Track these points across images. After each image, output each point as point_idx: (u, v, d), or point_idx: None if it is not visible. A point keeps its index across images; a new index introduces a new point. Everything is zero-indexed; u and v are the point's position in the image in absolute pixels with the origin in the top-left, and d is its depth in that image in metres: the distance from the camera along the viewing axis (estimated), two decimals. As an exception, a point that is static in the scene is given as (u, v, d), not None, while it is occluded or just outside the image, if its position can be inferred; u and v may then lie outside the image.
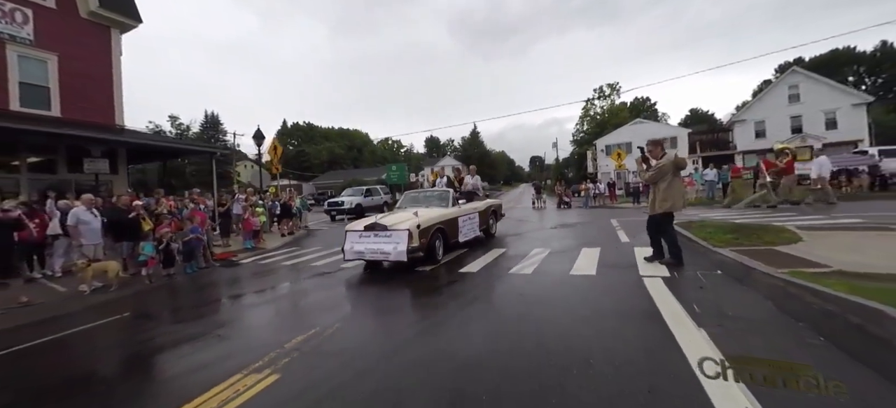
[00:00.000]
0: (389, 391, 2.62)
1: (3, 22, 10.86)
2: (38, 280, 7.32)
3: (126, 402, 2.88)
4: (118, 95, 13.25)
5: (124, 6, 13.29)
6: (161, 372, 3.48)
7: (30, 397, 3.10)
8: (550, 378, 2.61)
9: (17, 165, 11.31)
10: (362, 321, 4.41)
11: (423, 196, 8.72)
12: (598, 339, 3.22)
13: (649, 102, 60.57)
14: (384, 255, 6.05)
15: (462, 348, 3.27)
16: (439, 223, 6.80)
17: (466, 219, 7.88)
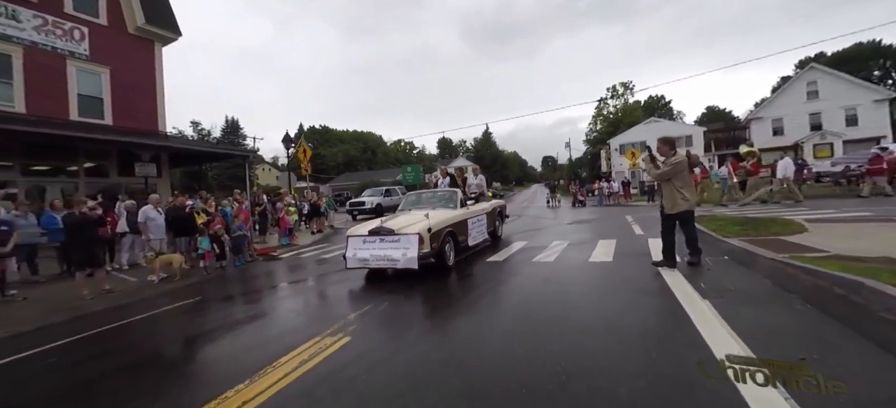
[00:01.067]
0: (444, 345, 3.27)
1: (64, 39, 11.97)
2: (109, 272, 8.23)
3: (230, 360, 3.55)
4: (161, 104, 14.31)
5: (166, 21, 14.36)
6: (250, 339, 4.16)
7: (148, 360, 3.85)
8: (575, 336, 3.23)
9: (75, 171, 12.40)
10: (407, 299, 5.03)
11: (426, 197, 8.04)
12: (615, 308, 3.82)
13: (664, 100, 60.07)
14: (391, 262, 5.50)
15: (499, 316, 3.91)
16: (449, 226, 6.24)
17: (475, 221, 7.33)
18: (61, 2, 11.93)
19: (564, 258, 6.45)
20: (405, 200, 8.37)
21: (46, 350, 4.07)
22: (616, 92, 53.88)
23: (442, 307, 4.51)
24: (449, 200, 7.47)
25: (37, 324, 5.15)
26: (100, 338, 4.50)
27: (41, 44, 11.50)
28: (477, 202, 8.29)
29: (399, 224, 5.93)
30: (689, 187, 5.02)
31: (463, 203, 7.52)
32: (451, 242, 6.28)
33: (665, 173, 5.07)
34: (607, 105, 53.87)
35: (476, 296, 4.80)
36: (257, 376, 2.91)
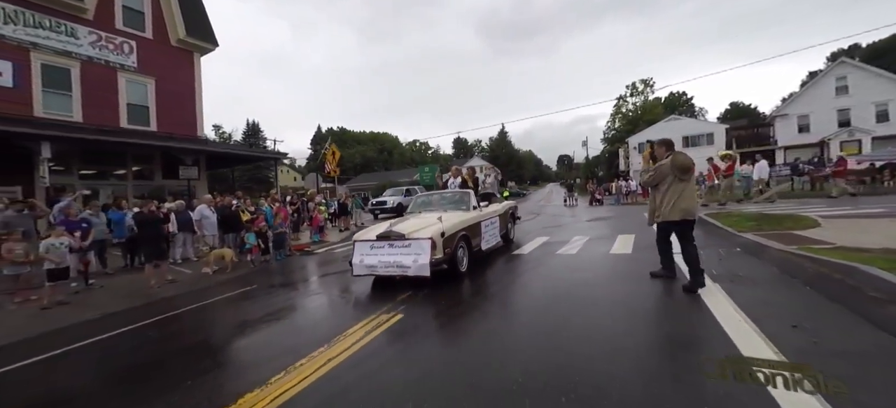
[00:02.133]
0: (488, 316, 3.83)
1: (115, 53, 13.04)
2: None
3: (306, 332, 4.18)
4: (200, 110, 15.34)
5: (205, 33, 15.37)
6: (315, 316, 4.80)
7: (228, 335, 4.52)
8: (600, 310, 3.75)
9: (124, 174, 13.48)
10: (448, 284, 5.49)
11: (437, 199, 7.56)
12: (634, 289, 4.32)
13: (685, 96, 59.03)
14: (401, 269, 5.09)
15: (532, 294, 4.47)
16: (463, 230, 5.83)
17: (488, 224, 6.91)
18: (113, 18, 13.01)
19: (586, 251, 6.93)
20: (415, 201, 7.84)
21: (131, 330, 4.76)
22: (636, 89, 53.40)
23: (481, 289, 5.09)
24: (461, 201, 7.01)
25: (119, 307, 5.93)
26: (175, 319, 5.20)
27: (96, 58, 12.58)
28: (489, 204, 7.98)
29: (409, 228, 5.51)
30: (673, 194, 4.29)
31: (476, 205, 7.06)
32: (465, 246, 5.81)
33: (648, 180, 4.66)
34: (626, 103, 53.45)
35: (508, 281, 5.35)
36: (333, 340, 3.53)
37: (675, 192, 4.27)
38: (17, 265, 6.32)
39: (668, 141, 4.71)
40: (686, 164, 4.24)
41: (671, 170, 4.27)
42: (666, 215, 4.33)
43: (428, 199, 7.86)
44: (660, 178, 4.42)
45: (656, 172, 4.45)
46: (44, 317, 5.57)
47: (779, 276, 4.38)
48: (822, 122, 28.40)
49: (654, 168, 4.51)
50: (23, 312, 5.82)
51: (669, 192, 4.30)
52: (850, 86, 28.51)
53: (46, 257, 6.11)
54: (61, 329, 4.95)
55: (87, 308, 5.96)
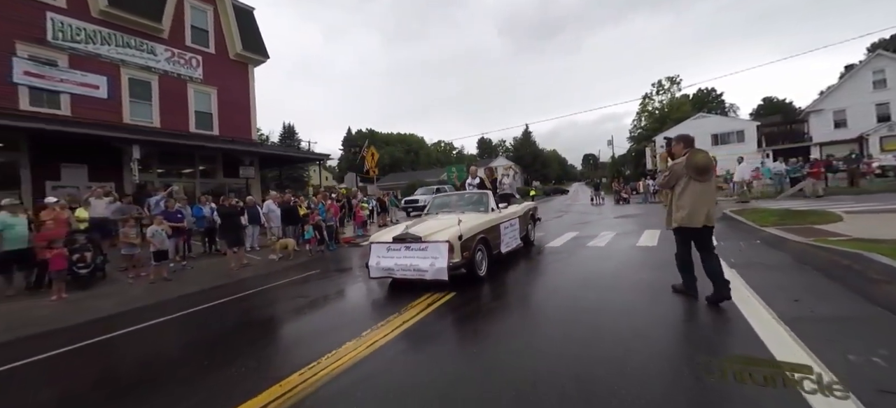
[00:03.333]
0: (535, 292, 4.66)
1: (185, 67, 14.68)
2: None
3: (379, 304, 5.05)
4: (253, 116, 16.88)
5: (258, 47, 16.91)
6: (377, 295, 5.69)
7: (298, 309, 5.53)
8: (624, 294, 4.50)
9: (192, 172, 15.11)
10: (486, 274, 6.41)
11: (454, 200, 7.43)
12: (658, 275, 5.01)
13: (714, 93, 57.14)
14: (418, 273, 4.99)
15: (569, 276, 5.26)
16: (482, 232, 5.68)
17: (508, 226, 6.74)
18: (183, 37, 14.66)
19: (614, 244, 7.61)
20: (432, 203, 7.64)
21: (223, 303, 5.76)
22: (662, 87, 52.41)
23: (525, 271, 5.94)
24: (479, 202, 6.87)
25: (210, 285, 7.09)
26: (256, 295, 6.21)
27: (170, 71, 14.23)
28: (508, 205, 7.86)
29: (426, 230, 5.41)
30: (687, 197, 3.84)
31: (494, 207, 6.88)
32: (484, 249, 5.63)
33: (662, 182, 4.31)
34: (652, 101, 52.51)
35: (545, 266, 6.16)
36: (403, 309, 4.40)
37: (692, 194, 3.81)
38: (131, 246, 7.67)
39: (687, 137, 4.19)
40: (701, 163, 3.79)
41: (686, 169, 3.82)
42: (680, 220, 3.87)
43: (446, 200, 7.65)
44: (674, 179, 3.97)
45: (670, 173, 4.01)
46: (153, 290, 6.81)
47: (792, 263, 4.97)
48: (859, 117, 27.14)
49: (669, 167, 4.08)
50: (137, 285, 7.11)
51: (685, 194, 3.84)
52: (889, 79, 27.09)
53: (152, 241, 7.41)
54: (170, 300, 6.01)
55: (185, 284, 7.19)
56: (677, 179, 3.95)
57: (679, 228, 3.98)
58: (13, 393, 3.22)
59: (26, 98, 11.36)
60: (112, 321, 4.98)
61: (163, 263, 7.46)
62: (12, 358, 3.79)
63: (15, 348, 4.14)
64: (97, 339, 4.34)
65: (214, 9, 15.70)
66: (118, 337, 4.42)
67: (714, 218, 3.91)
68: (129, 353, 4.13)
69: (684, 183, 3.88)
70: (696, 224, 3.81)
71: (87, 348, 4.11)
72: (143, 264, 7.71)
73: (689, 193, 3.84)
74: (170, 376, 3.34)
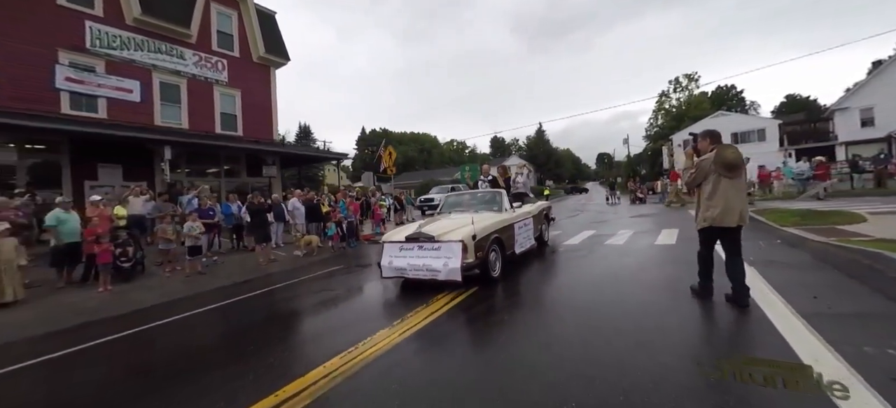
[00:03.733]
0: (556, 286, 4.83)
1: (212, 70, 15.26)
2: (263, 249, 10.82)
3: (401, 299, 5.27)
4: (275, 117, 17.40)
5: (279, 50, 17.42)
6: (403, 288, 5.98)
7: (325, 302, 5.82)
8: (646, 287, 4.63)
9: (217, 172, 15.70)
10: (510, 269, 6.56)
11: (467, 200, 7.27)
12: (677, 271, 5.12)
13: (734, 90, 55.80)
14: (431, 273, 4.93)
15: (590, 270, 5.41)
16: (495, 232, 5.56)
17: (522, 225, 6.59)
18: (210, 41, 15.24)
19: (633, 242, 7.70)
20: (445, 201, 7.51)
21: (255, 295, 6.13)
22: (679, 84, 51.44)
23: (545, 268, 6.11)
24: (493, 202, 6.74)
25: (241, 278, 7.48)
26: (286, 289, 6.51)
27: (198, 75, 14.82)
28: (522, 204, 7.71)
29: (439, 230, 5.34)
30: (719, 196, 3.66)
31: (508, 206, 6.71)
32: (498, 249, 5.54)
33: (689, 180, 4.09)
34: (669, 98, 51.62)
35: (565, 261, 6.32)
36: (430, 301, 4.62)
37: (724, 192, 3.62)
38: (167, 242, 8.12)
39: (714, 133, 3.96)
40: (731, 158, 3.61)
41: (714, 166, 3.65)
42: (712, 220, 3.69)
43: (459, 199, 7.50)
44: (701, 176, 3.79)
45: (697, 169, 3.85)
46: (190, 283, 7.22)
47: (811, 262, 5.02)
48: (888, 115, 26.08)
49: (695, 164, 3.91)
50: (174, 279, 7.53)
51: (717, 192, 3.65)
52: (919, 75, 26.05)
53: (189, 235, 7.84)
54: (206, 292, 6.42)
55: (218, 278, 7.59)
56: (705, 177, 3.77)
57: (707, 229, 3.79)
58: (76, 375, 3.56)
59: (67, 102, 12.02)
60: (156, 311, 5.37)
61: (197, 258, 7.88)
62: (72, 343, 4.16)
63: (72, 334, 4.54)
64: (145, 326, 4.71)
65: (239, 14, 16.26)
66: (165, 325, 4.79)
67: (747, 217, 3.72)
68: (178, 339, 4.48)
69: (714, 180, 3.69)
70: (729, 223, 3.65)
71: (138, 335, 4.47)
72: (178, 259, 8.15)
73: (721, 190, 3.65)
74: (221, 359, 3.65)
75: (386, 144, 17.23)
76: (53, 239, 6.57)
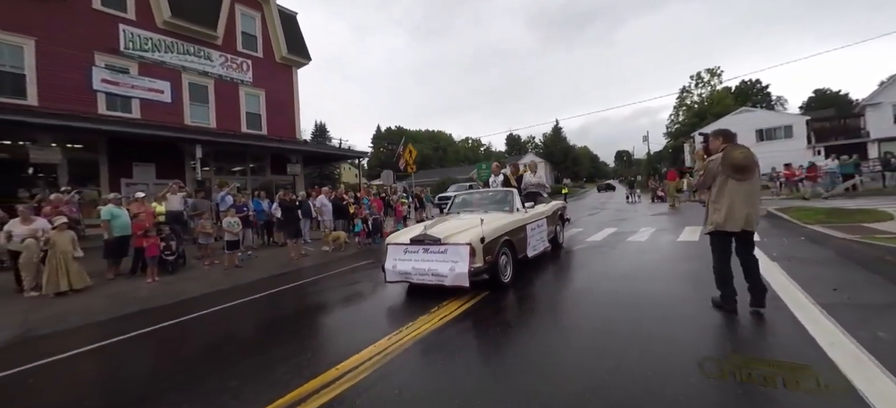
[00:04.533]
0: (579, 280, 5.01)
1: (237, 71, 15.80)
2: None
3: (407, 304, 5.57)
4: (297, 116, 17.90)
5: (301, 50, 17.89)
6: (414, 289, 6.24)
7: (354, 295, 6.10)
8: (670, 282, 4.77)
9: (242, 170, 16.27)
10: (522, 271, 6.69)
11: (476, 199, 6.98)
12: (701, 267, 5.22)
13: (759, 85, 54.21)
14: (438, 278, 4.61)
15: (615, 265, 5.58)
16: (506, 234, 5.23)
17: (535, 227, 6.23)
18: (235, 43, 15.77)
19: (655, 239, 7.80)
20: (454, 201, 7.19)
21: (291, 288, 6.43)
22: (701, 79, 50.35)
23: (568, 266, 6.27)
24: (503, 201, 6.44)
25: (275, 272, 7.85)
26: (320, 281, 6.83)
27: (224, 76, 15.38)
28: (535, 204, 7.23)
29: (446, 231, 5.02)
30: (726, 197, 3.47)
31: (519, 206, 6.33)
32: (508, 253, 5.24)
33: (697, 183, 3.93)
34: (691, 94, 50.57)
35: (586, 259, 6.46)
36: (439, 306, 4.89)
37: (730, 194, 3.43)
38: (206, 236, 8.57)
39: (726, 132, 3.73)
40: (739, 160, 3.42)
41: (722, 167, 3.47)
42: (716, 223, 3.52)
43: (468, 198, 7.15)
44: (710, 178, 3.59)
45: (705, 172, 3.65)
46: (229, 275, 7.62)
47: (833, 258, 5.08)
48: None
49: (704, 165, 3.71)
50: (214, 271, 7.95)
51: (723, 194, 3.47)
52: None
53: (228, 230, 8.26)
54: (245, 284, 6.77)
55: (254, 271, 7.98)
56: (713, 178, 3.56)
57: (715, 233, 3.58)
58: (134, 358, 3.91)
59: (103, 103, 12.67)
60: (203, 301, 5.75)
61: (234, 252, 8.30)
62: (126, 329, 4.52)
63: (134, 320, 4.94)
64: (194, 315, 5.06)
65: (262, 15, 16.75)
66: (212, 313, 5.15)
67: (755, 222, 3.45)
68: (228, 325, 4.83)
69: (721, 182, 3.49)
70: (733, 227, 3.43)
71: (188, 322, 4.83)
72: (215, 253, 8.59)
73: (727, 193, 3.45)
74: (268, 343, 3.96)
75: (406, 142, 17.50)
76: (106, 232, 7.05)
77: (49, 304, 5.56)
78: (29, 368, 3.51)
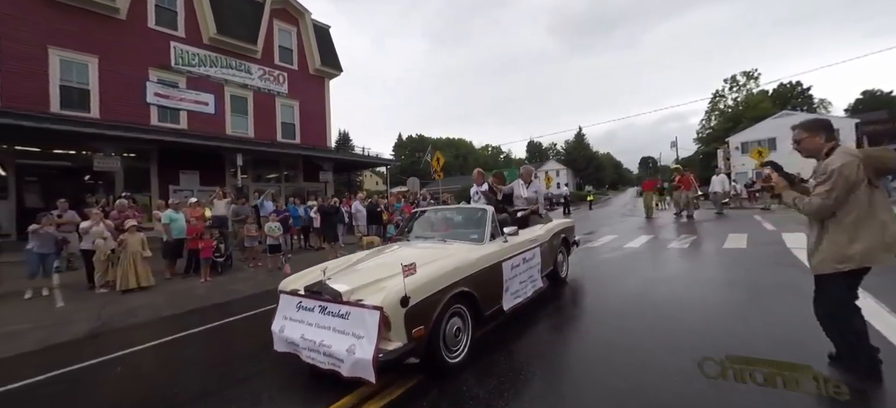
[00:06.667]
0: (629, 284, 4.95)
1: (274, 83, 16.54)
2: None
3: None
4: (329, 125, 18.51)
5: (333, 61, 18.55)
6: None
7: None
8: (715, 291, 4.64)
9: (277, 177, 16.93)
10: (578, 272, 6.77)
11: (439, 220, 4.98)
12: (749, 272, 5.06)
13: (800, 87, 51.65)
14: (332, 362, 2.76)
15: (657, 276, 5.45)
16: (458, 284, 3.23)
17: (519, 262, 4.22)
18: (273, 56, 16.54)
19: (698, 246, 7.57)
20: (412, 222, 5.17)
21: None
22: (736, 82, 48.53)
23: (627, 273, 6.19)
24: (471, 225, 4.38)
25: None
26: None
27: (262, 88, 16.13)
28: (528, 226, 5.25)
29: (359, 279, 3.18)
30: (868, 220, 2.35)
31: (499, 231, 4.22)
32: (463, 313, 3.30)
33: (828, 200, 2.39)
34: (725, 98, 48.81)
35: (634, 266, 6.34)
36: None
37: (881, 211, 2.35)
38: (252, 239, 8.97)
39: (824, 122, 2.63)
40: (885, 161, 2.40)
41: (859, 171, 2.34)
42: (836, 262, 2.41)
43: (433, 217, 5.11)
44: (844, 192, 2.35)
45: (838, 178, 2.34)
46: (273, 276, 7.91)
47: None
48: None
49: (823, 172, 2.41)
50: (259, 273, 8.30)
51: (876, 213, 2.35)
52: None
53: (270, 234, 8.62)
54: None
55: (297, 272, 8.28)
56: (850, 191, 2.35)
57: (850, 273, 2.40)
58: (197, 354, 4.15)
59: (155, 115, 13.54)
60: (252, 300, 6.01)
61: (276, 255, 8.65)
62: (189, 325, 4.80)
63: (189, 317, 5.22)
64: (248, 314, 5.31)
65: (298, 29, 17.50)
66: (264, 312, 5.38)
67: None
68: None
69: (866, 194, 2.35)
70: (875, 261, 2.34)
71: (243, 320, 5.08)
72: (258, 256, 8.98)
73: (880, 208, 2.36)
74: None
75: (433, 150, 17.78)
76: (165, 235, 7.52)
77: (118, 299, 5.99)
78: (116, 356, 3.83)
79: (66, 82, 11.61)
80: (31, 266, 6.40)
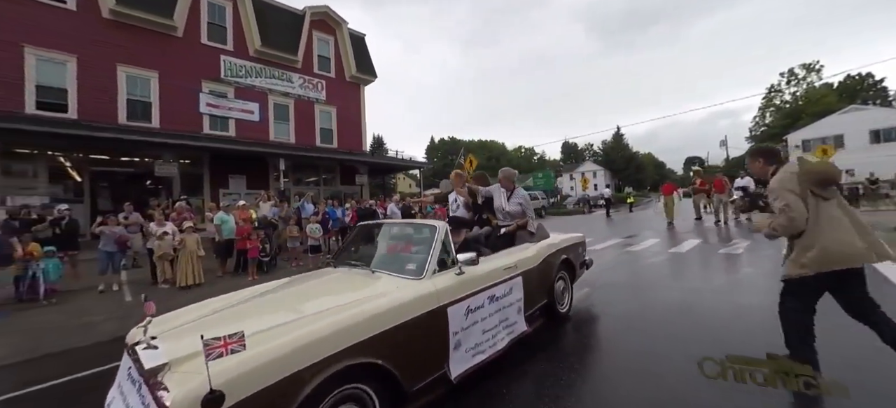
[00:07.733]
0: (678, 281, 4.70)
1: (313, 90, 17.26)
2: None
3: None
4: (364, 129, 19.04)
5: (368, 68, 19.09)
6: None
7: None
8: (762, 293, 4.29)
9: (315, 180, 17.62)
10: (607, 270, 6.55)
11: (383, 237, 3.61)
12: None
13: (870, 79, 46.73)
14: None
15: (707, 282, 5.13)
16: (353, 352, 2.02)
17: (482, 303, 2.96)
18: (312, 65, 17.28)
19: (752, 252, 7.03)
20: (355, 235, 4.07)
21: None
22: (794, 76, 44.83)
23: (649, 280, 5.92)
24: (416, 250, 3.11)
25: None
26: None
27: (302, 95, 16.89)
28: (514, 243, 4.02)
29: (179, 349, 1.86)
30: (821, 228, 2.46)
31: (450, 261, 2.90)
32: (367, 395, 2.11)
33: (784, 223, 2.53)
34: (781, 93, 45.21)
35: (677, 272, 6.03)
36: None
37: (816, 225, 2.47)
38: (294, 240, 9.39)
39: (763, 149, 2.98)
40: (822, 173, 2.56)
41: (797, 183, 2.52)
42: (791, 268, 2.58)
43: (371, 235, 3.81)
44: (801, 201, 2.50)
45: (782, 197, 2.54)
46: (312, 277, 8.26)
47: None
48: None
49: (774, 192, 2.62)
50: (302, 271, 8.66)
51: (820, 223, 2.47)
52: None
53: (312, 236, 8.99)
54: None
55: (333, 274, 8.57)
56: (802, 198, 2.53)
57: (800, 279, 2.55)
58: None
59: (207, 124, 14.53)
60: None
61: (317, 255, 9.01)
62: None
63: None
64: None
65: (335, 38, 18.18)
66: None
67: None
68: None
69: (813, 204, 2.49)
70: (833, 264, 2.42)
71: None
72: (299, 256, 9.38)
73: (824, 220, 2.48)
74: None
75: (466, 153, 17.83)
76: (217, 235, 8.05)
77: (178, 295, 6.47)
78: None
79: (131, 96, 12.74)
80: (102, 263, 7.05)
